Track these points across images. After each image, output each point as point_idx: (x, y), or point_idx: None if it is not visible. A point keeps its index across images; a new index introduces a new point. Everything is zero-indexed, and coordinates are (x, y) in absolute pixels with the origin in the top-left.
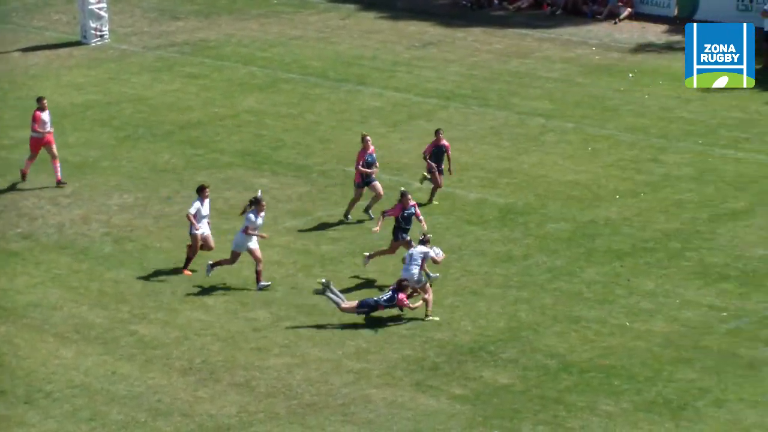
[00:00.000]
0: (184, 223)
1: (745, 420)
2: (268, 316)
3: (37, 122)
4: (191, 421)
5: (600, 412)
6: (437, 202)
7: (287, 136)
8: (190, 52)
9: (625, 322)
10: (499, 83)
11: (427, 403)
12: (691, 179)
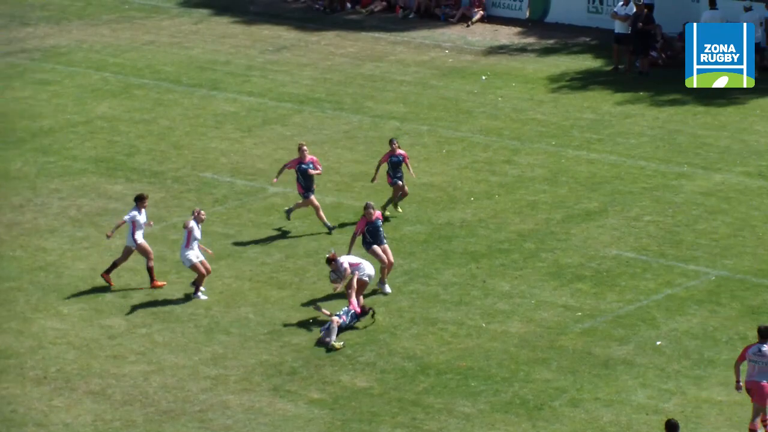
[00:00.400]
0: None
1: (600, 419)
2: (123, 323)
3: None
4: (46, 431)
5: (457, 414)
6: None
7: (141, 142)
8: (41, 58)
9: (482, 324)
10: (353, 87)
11: (285, 408)
12: (544, 180)
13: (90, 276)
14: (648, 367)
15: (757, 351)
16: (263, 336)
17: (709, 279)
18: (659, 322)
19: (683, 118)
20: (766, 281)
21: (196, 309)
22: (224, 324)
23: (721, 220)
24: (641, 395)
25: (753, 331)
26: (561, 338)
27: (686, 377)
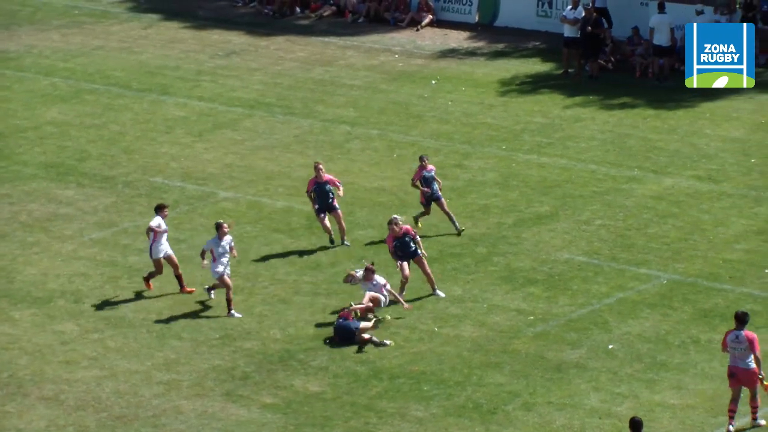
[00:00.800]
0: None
1: (553, 422)
2: (75, 329)
3: None
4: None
5: (410, 418)
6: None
7: (92, 147)
8: None
9: (434, 328)
10: (303, 91)
11: (238, 413)
12: (495, 184)
13: (41, 281)
14: (600, 371)
15: (734, 338)
16: (215, 341)
17: (661, 282)
18: (611, 325)
19: (633, 122)
20: (718, 284)
21: (148, 314)
22: (176, 329)
23: (671, 224)
24: (594, 399)
25: (705, 335)
26: (513, 342)
27: (639, 381)
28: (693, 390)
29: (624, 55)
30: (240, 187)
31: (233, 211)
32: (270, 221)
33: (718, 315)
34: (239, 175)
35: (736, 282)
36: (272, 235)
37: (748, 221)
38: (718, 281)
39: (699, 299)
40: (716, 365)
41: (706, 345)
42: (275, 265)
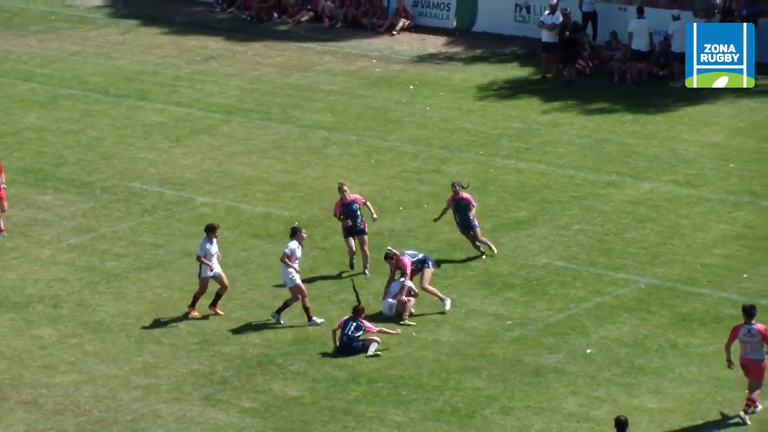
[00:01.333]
0: None
1: (531, 427)
2: (54, 333)
3: None
4: None
5: (389, 422)
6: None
7: (69, 152)
8: None
9: (412, 332)
10: (281, 97)
11: (217, 417)
12: (473, 189)
13: (20, 286)
14: (578, 375)
15: (746, 332)
16: (194, 345)
17: (639, 287)
18: (589, 330)
19: (612, 127)
20: (696, 289)
21: (127, 319)
22: (155, 334)
23: (650, 229)
24: (572, 403)
25: (683, 339)
26: (491, 346)
27: (617, 385)
28: (671, 394)
29: (602, 59)
30: (218, 193)
31: (211, 217)
32: (248, 226)
33: (696, 319)
34: (217, 180)
35: (715, 287)
36: (250, 240)
37: (727, 226)
38: (697, 286)
39: (677, 304)
40: (694, 369)
41: (684, 349)
42: (253, 271)
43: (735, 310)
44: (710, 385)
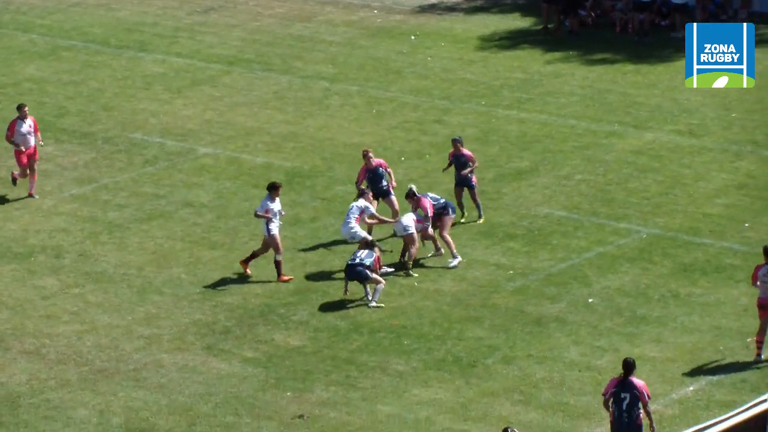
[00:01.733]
0: None
1: (533, 376)
2: (56, 284)
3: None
4: None
5: (391, 372)
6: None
7: (70, 103)
8: None
9: (414, 283)
10: (282, 47)
11: (219, 367)
12: (475, 140)
13: (22, 237)
14: (580, 325)
15: (765, 272)
16: (196, 296)
17: (641, 237)
18: (591, 280)
19: (613, 77)
20: (698, 239)
21: (129, 269)
22: (157, 284)
23: (652, 179)
24: (574, 352)
25: (685, 288)
26: (493, 296)
27: (618, 334)
28: (673, 343)
29: (604, 10)
30: (219, 143)
31: (213, 167)
32: (249, 177)
33: (698, 269)
34: (218, 131)
35: (716, 236)
36: (252, 191)
37: (729, 175)
38: (698, 235)
39: (679, 253)
40: (695, 318)
41: (686, 299)
42: (255, 221)
43: (736, 260)
44: (711, 334)
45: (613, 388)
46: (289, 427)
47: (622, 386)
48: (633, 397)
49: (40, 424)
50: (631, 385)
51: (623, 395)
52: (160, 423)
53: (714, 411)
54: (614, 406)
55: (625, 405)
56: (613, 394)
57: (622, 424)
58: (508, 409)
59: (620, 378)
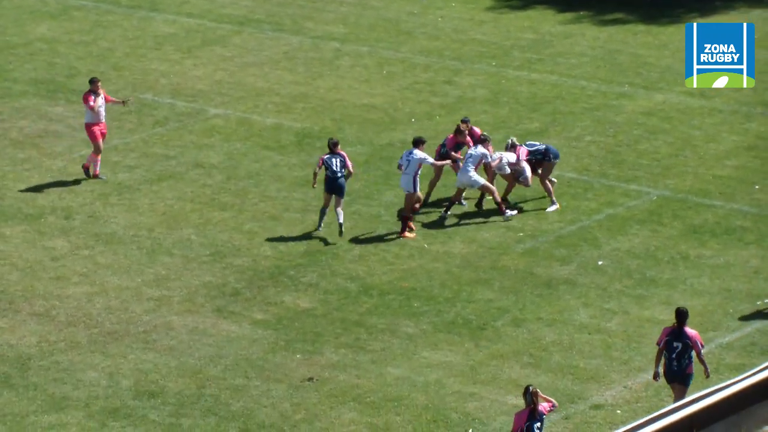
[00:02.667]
0: None
1: (543, 338)
2: (66, 245)
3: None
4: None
5: (401, 334)
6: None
7: (81, 63)
8: None
9: (424, 245)
10: (293, 8)
11: (229, 329)
12: (485, 101)
13: (31, 197)
14: (590, 287)
15: None
16: (206, 257)
17: (651, 199)
18: (601, 241)
19: (624, 38)
20: (707, 200)
21: (138, 231)
22: (167, 245)
23: (662, 140)
24: (583, 315)
25: (695, 250)
26: (503, 258)
27: (628, 296)
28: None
29: None
30: (230, 104)
31: (223, 128)
32: (260, 138)
33: (707, 231)
34: (229, 91)
35: (726, 198)
36: (262, 152)
37: (739, 137)
38: (708, 197)
39: (689, 215)
40: (705, 281)
41: (696, 261)
42: (265, 182)
43: (746, 222)
44: (721, 296)
45: (666, 336)
46: (299, 389)
47: (675, 335)
48: (685, 346)
49: (49, 386)
50: (684, 335)
51: (675, 344)
52: (169, 385)
53: (724, 374)
54: (666, 353)
55: (676, 353)
56: (666, 342)
57: (672, 371)
58: (518, 372)
59: (673, 327)
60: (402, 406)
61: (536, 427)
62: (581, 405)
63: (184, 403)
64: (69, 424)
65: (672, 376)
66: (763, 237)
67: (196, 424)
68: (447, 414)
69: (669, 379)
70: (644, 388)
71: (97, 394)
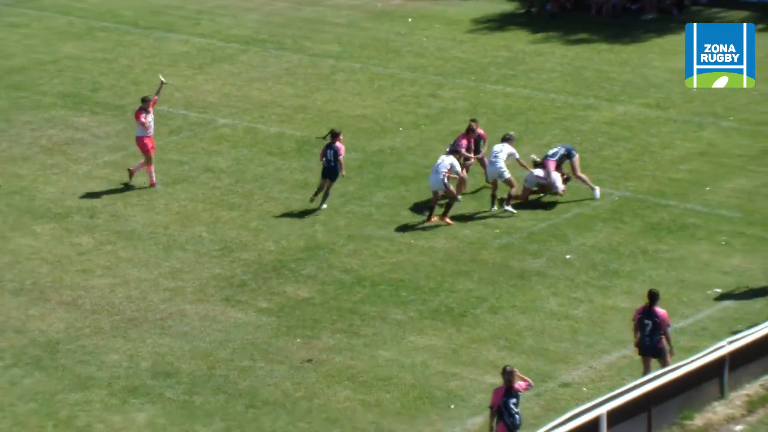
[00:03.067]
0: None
1: (517, 324)
2: (91, 241)
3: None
4: (24, 337)
5: (390, 321)
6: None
7: (104, 79)
8: (12, 3)
9: (411, 240)
10: (293, 29)
11: (236, 316)
12: (465, 112)
13: (60, 198)
14: (559, 278)
15: None
16: (216, 252)
17: (613, 199)
18: (569, 237)
19: (589, 56)
20: (664, 201)
21: (156, 228)
22: (181, 241)
23: (623, 147)
24: (553, 303)
25: (652, 245)
26: (481, 253)
27: (593, 287)
28: (642, 295)
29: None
30: (237, 115)
31: (231, 136)
32: (264, 145)
33: (664, 228)
34: (236, 104)
35: (680, 198)
36: (266, 157)
37: (692, 144)
38: (665, 198)
39: (647, 214)
40: (662, 272)
41: (653, 255)
42: (269, 185)
43: (698, 220)
44: (676, 287)
45: (639, 315)
46: (299, 370)
47: (647, 314)
48: (654, 324)
49: (76, 367)
50: (654, 314)
51: (646, 321)
52: (183, 367)
53: (678, 356)
54: (639, 330)
55: (648, 330)
56: (639, 320)
57: (645, 346)
58: (495, 354)
59: (645, 306)
60: (391, 384)
61: (512, 403)
62: (551, 383)
63: (197, 382)
64: (93, 401)
65: (645, 349)
66: (713, 233)
67: (207, 401)
68: (431, 392)
69: (642, 352)
70: (607, 368)
71: (119, 375)
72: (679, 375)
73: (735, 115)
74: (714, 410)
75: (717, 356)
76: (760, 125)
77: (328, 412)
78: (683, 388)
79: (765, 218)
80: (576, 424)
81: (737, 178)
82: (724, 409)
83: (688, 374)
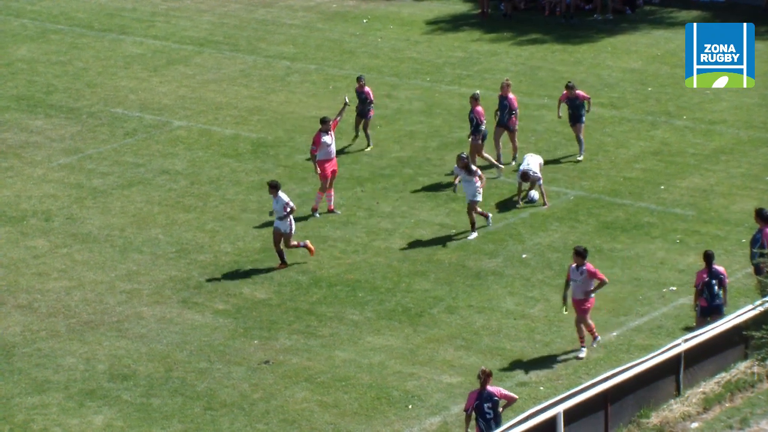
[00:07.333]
0: None
1: (474, 324)
2: (46, 244)
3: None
4: None
5: (347, 321)
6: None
7: (58, 81)
8: None
9: (367, 241)
10: (248, 30)
11: (194, 318)
12: (421, 112)
13: (14, 202)
14: (515, 278)
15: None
16: (172, 254)
17: (568, 199)
18: (525, 237)
19: (543, 56)
20: (618, 200)
21: (111, 231)
22: (137, 244)
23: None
24: (509, 302)
25: (608, 244)
26: (438, 253)
27: (549, 286)
28: (598, 294)
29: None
30: (192, 117)
31: (187, 138)
32: (219, 147)
33: (619, 227)
34: (191, 105)
35: (635, 197)
36: (221, 159)
37: (646, 143)
38: (619, 197)
39: (602, 213)
40: (617, 271)
41: (609, 253)
42: (224, 187)
43: (653, 218)
44: (631, 285)
45: (705, 276)
46: (256, 371)
47: (712, 274)
48: (720, 282)
49: (32, 371)
50: (717, 272)
51: (713, 281)
52: (140, 369)
53: (634, 354)
54: (706, 291)
55: (715, 289)
56: (706, 282)
57: (713, 306)
58: (452, 354)
59: (705, 269)
60: (349, 385)
61: (486, 407)
62: (508, 382)
63: (154, 384)
64: (50, 404)
65: (711, 310)
66: (667, 232)
67: (165, 403)
68: (389, 392)
69: (708, 312)
70: (564, 368)
71: (76, 378)
72: (636, 373)
73: (688, 114)
74: (670, 408)
75: (673, 354)
76: (714, 124)
77: (285, 413)
78: (640, 386)
79: (719, 216)
80: (533, 423)
81: (691, 176)
82: (681, 407)
83: (645, 372)
